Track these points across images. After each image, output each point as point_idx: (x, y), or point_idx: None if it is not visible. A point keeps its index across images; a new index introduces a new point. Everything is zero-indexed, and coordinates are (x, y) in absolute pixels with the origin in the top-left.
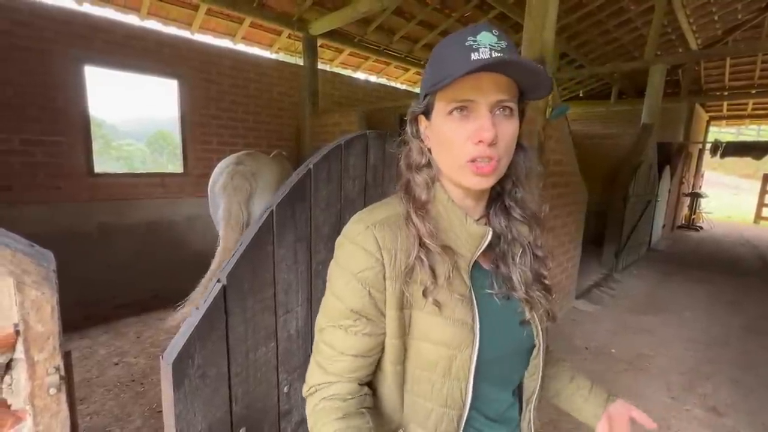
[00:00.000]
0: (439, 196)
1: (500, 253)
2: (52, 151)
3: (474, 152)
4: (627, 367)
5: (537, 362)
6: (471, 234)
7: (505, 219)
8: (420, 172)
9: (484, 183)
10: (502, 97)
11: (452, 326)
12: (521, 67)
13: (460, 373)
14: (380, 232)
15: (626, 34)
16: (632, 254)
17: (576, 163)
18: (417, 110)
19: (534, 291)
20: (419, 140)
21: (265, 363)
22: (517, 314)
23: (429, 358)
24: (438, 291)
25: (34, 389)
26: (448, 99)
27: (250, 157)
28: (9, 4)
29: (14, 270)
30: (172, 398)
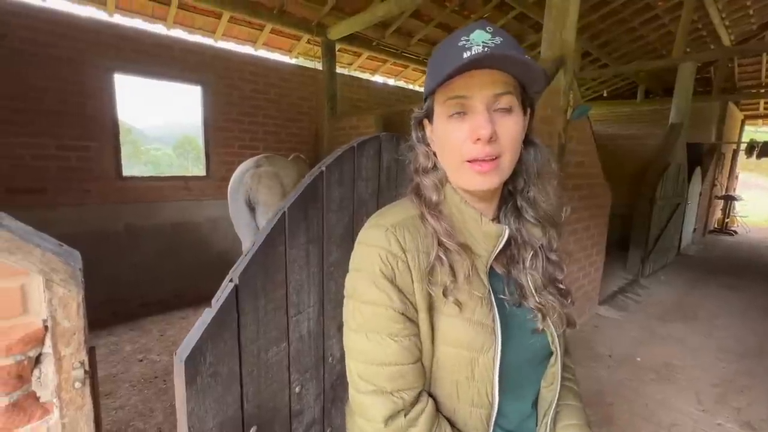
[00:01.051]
0: (451, 198)
1: (510, 256)
2: (84, 155)
3: (472, 152)
4: (653, 376)
5: (555, 371)
6: (487, 234)
7: (516, 220)
8: (427, 175)
9: (486, 183)
10: (497, 90)
11: (472, 327)
12: (510, 60)
13: (484, 375)
14: (401, 234)
15: (653, 32)
16: (660, 259)
17: (599, 165)
18: (419, 115)
19: (546, 297)
20: (425, 145)
21: (277, 363)
22: (528, 322)
23: (450, 361)
24: (458, 290)
25: (61, 383)
26: (444, 99)
27: (269, 161)
28: (51, 17)
29: (43, 268)
30: (185, 395)
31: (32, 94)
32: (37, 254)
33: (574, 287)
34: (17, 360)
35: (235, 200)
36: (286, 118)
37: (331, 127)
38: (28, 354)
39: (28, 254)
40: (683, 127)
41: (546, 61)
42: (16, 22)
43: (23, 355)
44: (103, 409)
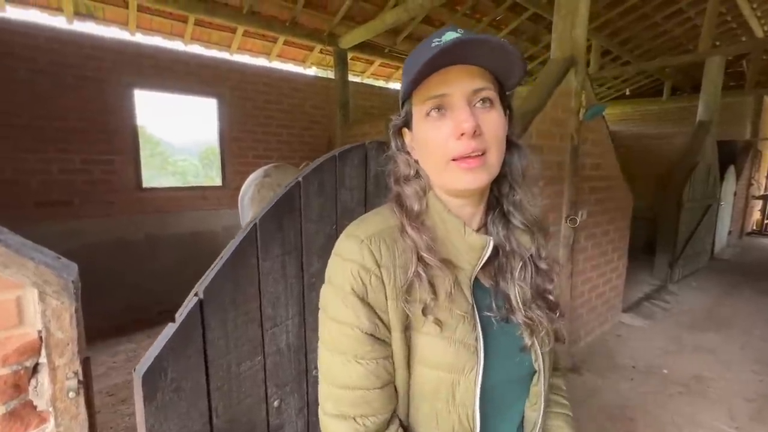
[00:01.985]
0: (434, 206)
1: (498, 266)
2: (107, 168)
3: (458, 148)
4: (682, 390)
5: (538, 390)
6: (471, 245)
7: (504, 228)
8: (409, 184)
9: (475, 181)
10: (476, 85)
11: (454, 348)
12: (483, 45)
13: (466, 399)
14: (376, 246)
15: (677, 26)
16: (690, 264)
17: (617, 166)
18: (398, 123)
19: (534, 310)
20: (405, 153)
21: (251, 377)
22: (516, 338)
23: (429, 384)
24: (438, 309)
25: (56, 392)
26: (422, 100)
27: (278, 170)
28: (77, 40)
29: (37, 281)
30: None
31: (59, 113)
32: (31, 267)
33: (594, 294)
34: (13, 370)
35: (243, 207)
36: (299, 127)
37: (344, 135)
38: (24, 364)
39: (21, 267)
40: (712, 125)
41: (556, 62)
42: (46, 46)
43: (19, 365)
44: (118, 414)
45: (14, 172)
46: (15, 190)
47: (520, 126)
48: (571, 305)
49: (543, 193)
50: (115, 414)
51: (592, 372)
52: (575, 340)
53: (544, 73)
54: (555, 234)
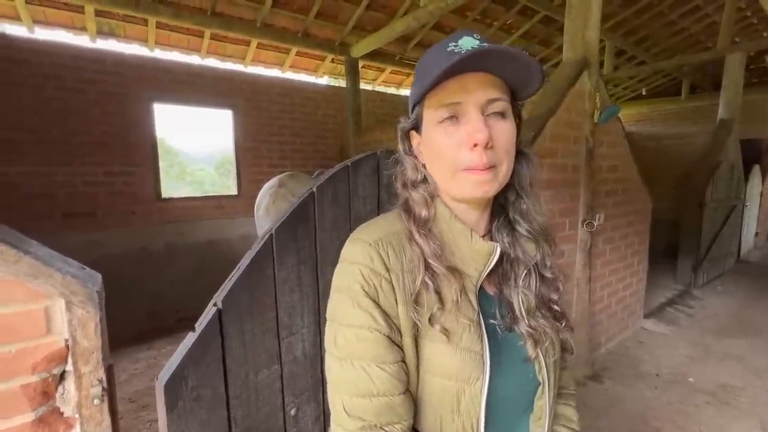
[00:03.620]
0: (441, 213)
1: (502, 274)
2: (128, 180)
3: (470, 160)
4: (709, 399)
5: (543, 403)
6: (477, 252)
7: (509, 235)
8: (417, 189)
9: (485, 191)
10: (491, 95)
11: (460, 355)
12: (504, 56)
13: (471, 408)
14: (383, 250)
15: (694, 24)
16: (715, 267)
17: (635, 168)
18: (407, 125)
19: (538, 319)
20: (413, 157)
21: (268, 385)
22: (519, 350)
23: (435, 392)
24: (445, 317)
25: (81, 399)
26: (435, 105)
27: (292, 179)
28: (99, 57)
29: (64, 291)
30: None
31: (84, 127)
32: (58, 278)
33: (614, 299)
34: (42, 377)
35: (259, 218)
36: (312, 135)
37: (356, 142)
38: (52, 371)
39: (49, 278)
40: (734, 123)
41: (569, 64)
42: (72, 64)
43: (48, 372)
44: (140, 420)
45: (42, 186)
46: (43, 202)
47: (532, 131)
48: (591, 311)
49: (558, 196)
50: (137, 420)
51: (613, 380)
52: (596, 347)
53: (557, 76)
54: (572, 238)
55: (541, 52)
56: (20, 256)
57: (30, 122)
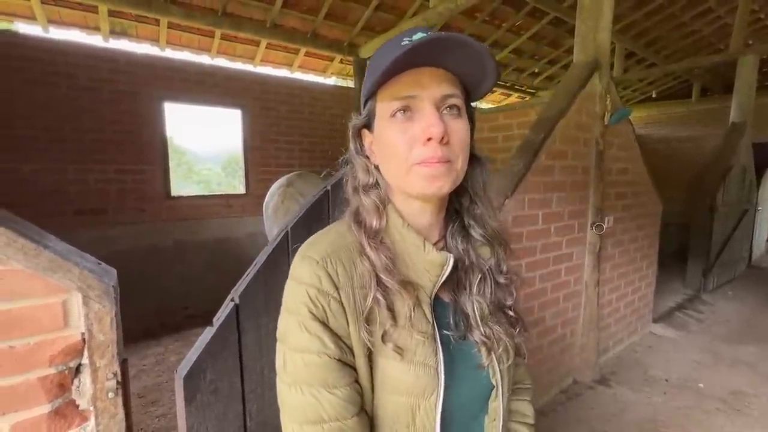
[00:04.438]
0: (393, 221)
1: (456, 281)
2: (138, 178)
3: (423, 154)
4: (720, 406)
5: (496, 405)
6: (431, 263)
7: (463, 241)
8: (368, 194)
9: (439, 186)
10: (446, 91)
11: (414, 371)
12: (457, 44)
13: (426, 422)
14: (332, 268)
15: (706, 26)
16: (726, 272)
17: (645, 171)
18: (358, 122)
19: (492, 326)
20: (364, 157)
21: None
22: (472, 357)
23: (389, 409)
24: (398, 334)
25: (96, 392)
26: (388, 99)
27: (300, 178)
28: (112, 56)
29: (81, 285)
30: (184, 411)
31: (96, 126)
32: (76, 272)
33: (623, 303)
34: (59, 370)
35: (267, 217)
36: (320, 135)
37: None
38: (68, 364)
39: (68, 272)
40: (747, 126)
41: (579, 66)
42: (85, 63)
43: (64, 365)
44: (148, 416)
45: (55, 183)
46: (56, 199)
47: (542, 132)
48: (599, 314)
49: (567, 199)
50: (146, 415)
51: (622, 385)
52: (604, 351)
53: (568, 78)
54: (580, 241)
55: (551, 54)
56: (40, 250)
57: (44, 120)
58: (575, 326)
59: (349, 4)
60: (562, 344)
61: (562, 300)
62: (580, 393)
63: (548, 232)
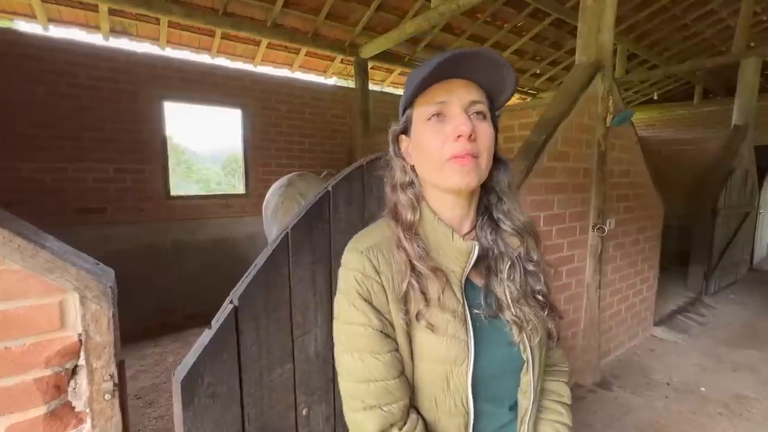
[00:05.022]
0: (426, 216)
1: (488, 267)
2: (138, 177)
3: (454, 149)
4: (722, 410)
5: (528, 379)
6: (458, 250)
7: (493, 232)
8: (405, 191)
9: (468, 180)
10: (473, 97)
11: (446, 343)
12: (482, 58)
13: (459, 386)
14: (375, 255)
15: (708, 28)
16: (728, 275)
17: (647, 173)
18: (398, 129)
19: (523, 308)
20: (401, 159)
21: (282, 384)
22: (504, 334)
23: (427, 375)
24: (430, 312)
25: (93, 394)
26: (424, 105)
27: (300, 179)
28: (112, 55)
29: (78, 286)
30: (181, 416)
31: (96, 124)
32: (73, 272)
33: (624, 306)
34: (55, 371)
35: (267, 217)
36: (320, 136)
37: (364, 144)
38: (65, 366)
39: (65, 272)
40: (749, 129)
41: (582, 67)
42: (85, 62)
43: (60, 366)
44: (145, 417)
45: (54, 182)
46: (55, 198)
47: (543, 134)
48: (600, 317)
49: (569, 201)
50: (143, 417)
51: (623, 388)
52: (605, 354)
53: (569, 79)
54: (582, 243)
55: (552, 55)
56: (37, 250)
57: (43, 119)
58: (576, 329)
59: (351, 4)
60: (563, 347)
61: (564, 302)
62: (581, 396)
63: (549, 234)
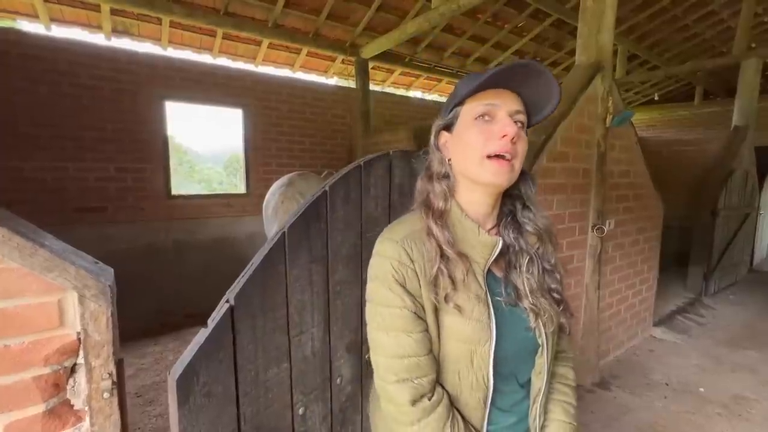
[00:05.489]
0: (454, 211)
1: (508, 261)
2: (138, 177)
3: (497, 146)
4: (720, 411)
5: (542, 361)
6: (483, 243)
7: (515, 232)
8: (439, 182)
9: (501, 177)
10: (518, 107)
11: (471, 324)
12: (538, 75)
13: (481, 364)
14: (409, 245)
15: (709, 29)
16: (727, 276)
17: (647, 174)
18: (441, 123)
19: (539, 299)
20: (440, 152)
21: (278, 384)
22: (522, 320)
23: (454, 353)
24: (457, 295)
25: (92, 392)
26: (474, 105)
27: (301, 178)
28: (113, 55)
29: (77, 284)
30: (177, 414)
31: (97, 124)
32: (72, 271)
33: (623, 306)
34: (54, 369)
35: (267, 217)
36: (321, 135)
37: (365, 143)
38: (63, 364)
39: (64, 271)
40: (749, 130)
41: (582, 67)
42: (87, 62)
43: (59, 365)
44: (145, 415)
45: (55, 181)
46: (56, 196)
47: (543, 134)
48: (599, 317)
49: (568, 201)
50: (143, 415)
51: (622, 388)
52: (604, 354)
53: (569, 80)
54: (581, 244)
55: (553, 56)
56: (36, 248)
57: (45, 118)
58: (575, 329)
59: (352, 5)
60: None
61: None
62: (580, 396)
63: None
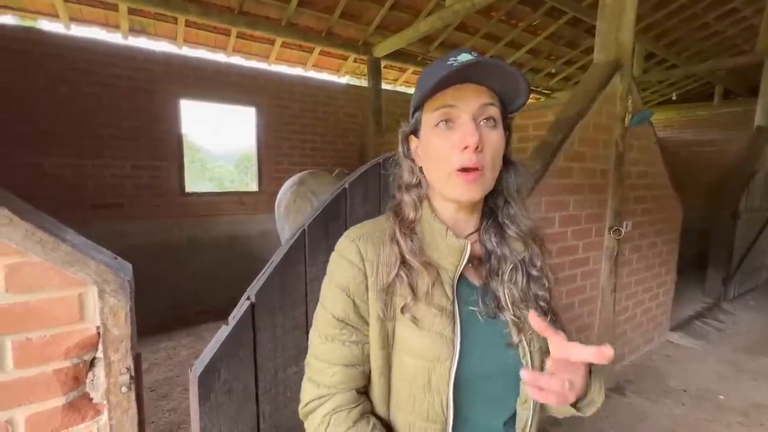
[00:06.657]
0: (425, 213)
1: (489, 269)
2: (154, 174)
3: (461, 160)
4: (741, 419)
5: None
6: (451, 247)
7: (497, 236)
8: (409, 192)
9: (470, 193)
10: (484, 100)
11: (430, 338)
12: (493, 67)
13: (440, 386)
14: (363, 244)
15: (730, 26)
16: (748, 281)
17: (665, 175)
18: (407, 129)
19: (523, 310)
20: (410, 160)
21: (296, 382)
22: (502, 335)
23: (409, 370)
24: (416, 306)
25: (110, 386)
26: (432, 109)
27: (312, 177)
28: (130, 54)
29: (97, 279)
30: (198, 411)
31: (114, 122)
32: (93, 266)
33: (640, 310)
34: (74, 362)
35: (279, 215)
36: (333, 134)
37: (376, 142)
38: (83, 357)
39: (84, 266)
40: None
41: (600, 66)
42: (104, 60)
43: (79, 358)
44: (159, 410)
45: (74, 177)
46: (74, 193)
47: (560, 134)
48: (615, 321)
49: (585, 202)
50: (156, 409)
51: (638, 394)
52: (619, 358)
53: (587, 78)
54: (598, 245)
55: (568, 54)
56: (58, 243)
57: (65, 116)
58: (590, 332)
59: (365, 3)
60: None
61: (578, 305)
62: None
63: (565, 236)
